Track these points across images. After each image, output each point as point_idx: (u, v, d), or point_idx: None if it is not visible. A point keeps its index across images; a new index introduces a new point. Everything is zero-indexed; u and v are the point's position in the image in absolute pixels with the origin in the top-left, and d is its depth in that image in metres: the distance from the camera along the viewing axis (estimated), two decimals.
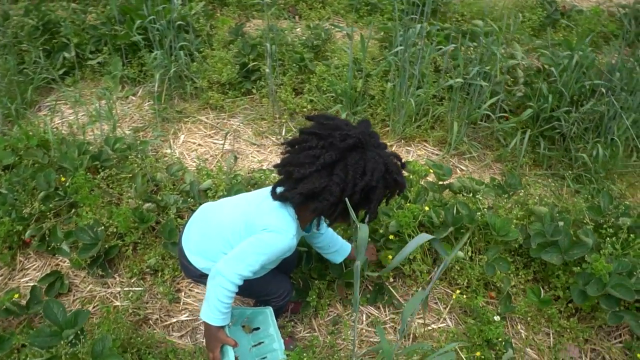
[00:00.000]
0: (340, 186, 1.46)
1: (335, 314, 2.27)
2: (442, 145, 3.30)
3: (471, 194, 2.46)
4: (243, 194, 1.87)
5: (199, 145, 3.26)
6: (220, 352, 1.65)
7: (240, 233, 1.64)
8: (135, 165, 2.69)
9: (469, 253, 2.31)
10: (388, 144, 3.27)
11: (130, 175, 2.62)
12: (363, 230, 1.30)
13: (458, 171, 3.10)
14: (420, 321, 2.25)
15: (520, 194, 2.56)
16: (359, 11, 4.43)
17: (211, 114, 3.50)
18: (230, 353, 1.64)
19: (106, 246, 2.37)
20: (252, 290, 1.82)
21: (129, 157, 2.76)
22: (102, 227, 2.34)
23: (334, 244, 2.03)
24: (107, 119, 3.24)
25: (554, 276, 2.28)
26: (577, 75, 3.07)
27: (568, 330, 2.20)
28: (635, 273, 2.10)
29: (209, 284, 1.61)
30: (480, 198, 2.41)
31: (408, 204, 2.35)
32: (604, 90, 2.91)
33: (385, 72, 3.49)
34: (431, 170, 2.54)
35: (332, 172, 1.47)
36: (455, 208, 2.34)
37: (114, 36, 3.62)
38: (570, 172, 2.94)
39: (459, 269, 2.31)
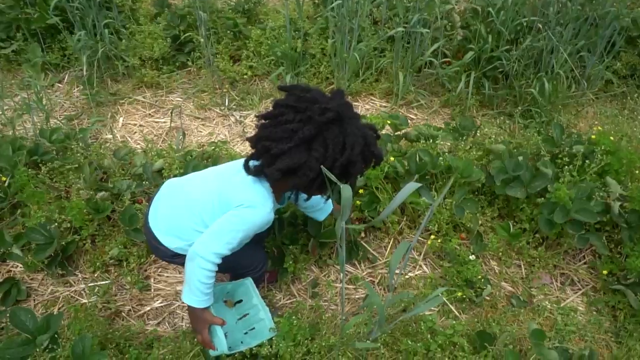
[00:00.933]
0: (319, 161, 1.43)
1: (312, 277, 2.25)
2: (389, 97, 3.30)
3: (430, 140, 2.48)
4: (212, 168, 1.80)
5: (141, 126, 3.11)
6: (208, 332, 1.60)
7: (214, 209, 1.59)
8: (79, 154, 2.53)
9: (435, 197, 2.33)
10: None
11: (76, 165, 2.45)
12: (347, 191, 1.28)
13: (409, 121, 3.11)
14: (398, 271, 2.27)
15: (477, 135, 2.60)
16: None
17: (148, 92, 3.34)
18: (219, 332, 1.60)
19: (62, 243, 2.22)
20: (227, 266, 1.77)
21: (71, 147, 2.59)
22: (55, 224, 2.19)
23: (317, 202, 2.00)
24: (37, 110, 3.02)
25: (519, 210, 2.34)
26: (512, 14, 3.12)
27: (538, 259, 2.28)
28: (593, 196, 2.19)
29: (187, 266, 1.55)
30: (440, 143, 2.43)
31: None
32: (540, 26, 2.98)
33: (323, 29, 3.43)
34: (388, 122, 2.53)
35: (311, 147, 1.44)
36: (417, 155, 2.34)
37: (27, 20, 3.34)
38: (517, 109, 3.02)
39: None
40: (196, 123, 3.14)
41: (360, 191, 2.31)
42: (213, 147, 2.67)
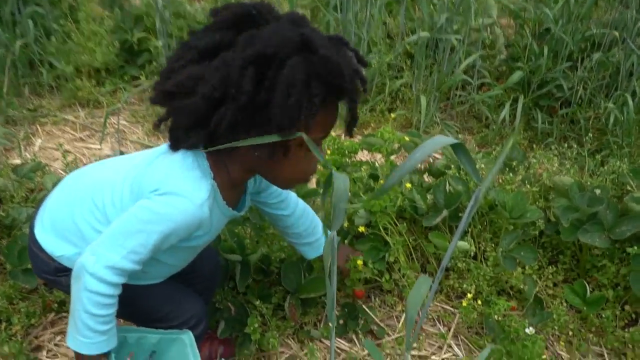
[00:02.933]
0: (219, 71, 1.13)
1: (287, 355, 1.86)
2: (406, 130, 3.09)
3: (462, 170, 2.18)
4: (133, 153, 1.48)
5: (67, 151, 2.83)
6: None
7: (122, 198, 1.29)
8: None
9: (472, 248, 2.00)
10: (334, 134, 3.01)
11: None
12: (340, 180, 0.98)
13: (431, 159, 2.84)
14: (416, 353, 1.88)
15: (532, 167, 2.32)
16: None
17: (82, 111, 3.15)
18: None
19: None
20: (136, 308, 1.44)
21: None
22: None
23: (310, 230, 1.73)
24: None
25: (597, 268, 2.01)
26: (575, 24, 2.95)
27: (630, 346, 1.90)
28: None
29: (72, 288, 1.24)
30: (480, 171, 2.13)
31: (380, 185, 2.04)
32: (616, 35, 2.78)
33: None
34: (407, 139, 2.24)
35: (213, 59, 1.15)
36: (446, 184, 2.04)
37: None
38: (583, 148, 2.75)
39: (459, 270, 1.99)
40: None
41: (362, 229, 1.98)
42: None
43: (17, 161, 2.69)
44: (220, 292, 1.90)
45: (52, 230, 1.35)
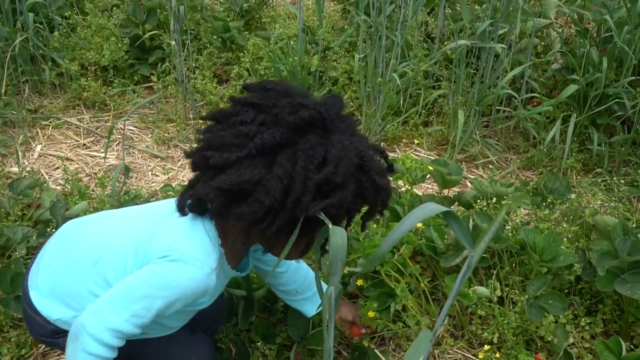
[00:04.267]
0: (283, 182, 1.31)
1: None
2: (442, 148, 3.23)
3: (493, 200, 2.29)
4: (137, 206, 1.72)
5: (69, 160, 3.03)
6: None
7: (126, 265, 1.47)
8: None
9: (497, 292, 2.12)
10: None
11: None
12: (338, 236, 1.13)
13: (468, 184, 2.96)
14: None
15: (570, 202, 2.41)
16: None
17: (87, 113, 3.35)
18: None
19: None
20: (138, 353, 1.60)
21: None
22: None
23: (305, 285, 1.89)
24: None
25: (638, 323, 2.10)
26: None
27: None
28: None
29: (68, 348, 1.40)
30: (509, 205, 2.25)
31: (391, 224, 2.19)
32: None
33: (352, 44, 3.42)
34: (430, 169, 2.37)
35: (274, 160, 1.33)
36: (470, 222, 2.16)
37: None
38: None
39: (483, 315, 2.11)
40: (152, 163, 3.10)
41: (359, 282, 2.12)
42: (170, 192, 2.56)
43: (15, 169, 2.89)
44: (221, 329, 2.05)
45: (49, 293, 1.53)
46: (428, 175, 2.51)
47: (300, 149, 1.31)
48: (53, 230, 2.31)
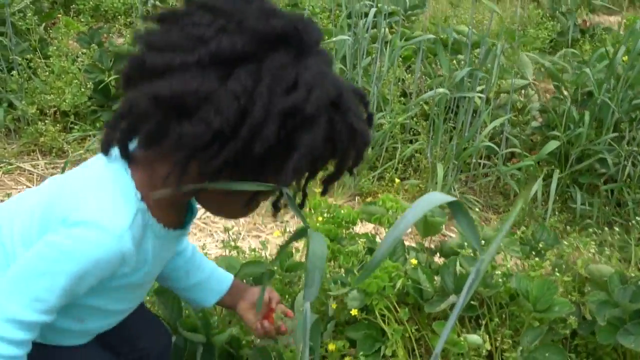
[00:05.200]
0: (240, 101, 1.02)
1: None
2: None
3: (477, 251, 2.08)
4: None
5: None
6: None
7: (31, 233, 1.19)
8: None
9: (487, 345, 1.88)
10: (336, 202, 2.96)
11: None
12: (317, 242, 0.95)
13: (449, 234, 2.77)
14: None
15: (561, 251, 2.22)
16: None
17: (42, 159, 3.11)
18: None
19: None
20: None
21: None
22: None
23: (197, 268, 1.56)
24: None
25: None
26: (622, 93, 2.91)
27: None
28: None
29: None
30: (497, 251, 2.04)
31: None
32: None
33: None
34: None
35: (231, 73, 1.04)
36: (457, 265, 1.94)
37: None
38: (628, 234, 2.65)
39: None
40: None
41: (354, 312, 1.86)
42: None
43: None
44: None
45: None
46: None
47: (267, 67, 1.04)
48: None
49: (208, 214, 2.89)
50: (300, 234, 0.97)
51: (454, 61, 3.17)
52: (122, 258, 1.13)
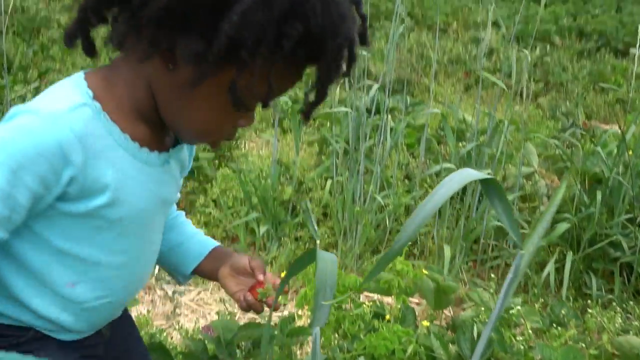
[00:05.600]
0: None
1: None
2: None
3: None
4: None
5: None
6: None
7: None
8: None
9: None
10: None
11: None
12: (326, 258, 0.86)
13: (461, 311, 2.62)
14: None
15: (585, 324, 2.07)
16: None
17: None
18: None
19: None
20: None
21: None
22: None
23: (179, 226, 1.40)
24: None
25: None
26: (633, 175, 2.86)
27: None
28: None
29: None
30: (515, 314, 1.90)
31: (386, 324, 1.81)
32: None
33: (327, 179, 3.25)
34: (425, 272, 2.02)
35: None
36: (474, 330, 1.79)
37: None
38: None
39: None
40: None
41: None
42: None
43: None
44: None
45: None
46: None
47: None
48: None
49: (201, 294, 2.78)
50: (308, 255, 0.86)
51: (460, 144, 3.14)
52: (60, 150, 1.00)
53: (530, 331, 1.92)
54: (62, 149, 1.00)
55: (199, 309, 2.68)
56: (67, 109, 1.01)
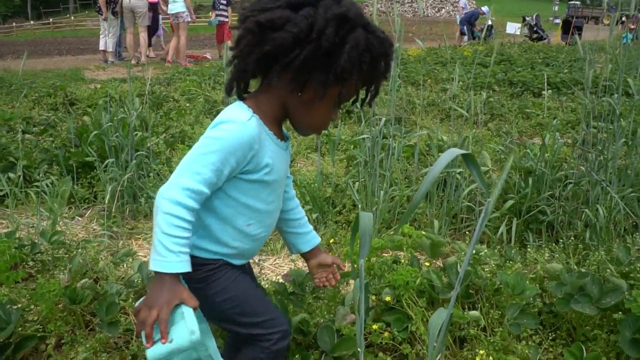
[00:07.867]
0: (307, 19, 1.17)
1: None
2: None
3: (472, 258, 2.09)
4: None
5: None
6: (171, 313, 1.14)
7: None
8: (73, 251, 2.21)
9: (482, 321, 1.85)
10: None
11: (67, 255, 2.12)
12: (365, 215, 0.95)
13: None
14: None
15: (526, 257, 2.21)
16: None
17: None
18: (190, 316, 1.13)
19: (18, 336, 1.77)
20: (239, 305, 1.34)
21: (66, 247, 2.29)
22: (18, 307, 1.77)
23: (303, 222, 1.58)
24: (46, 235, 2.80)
25: (591, 339, 1.82)
26: (549, 168, 2.97)
27: None
28: None
29: (154, 219, 1.19)
30: (483, 256, 2.04)
31: (401, 266, 1.96)
32: (583, 170, 2.77)
33: (355, 181, 3.33)
34: (423, 233, 2.18)
35: (299, 9, 1.20)
36: (458, 266, 1.95)
37: (67, 157, 3.34)
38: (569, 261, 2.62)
39: (473, 337, 1.83)
40: None
41: (388, 298, 1.86)
42: None
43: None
44: None
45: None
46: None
47: (321, 5, 1.19)
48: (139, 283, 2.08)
49: (276, 261, 2.88)
50: (357, 217, 0.97)
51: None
52: (249, 142, 1.21)
53: (493, 265, 2.07)
54: (250, 142, 1.22)
55: (276, 269, 2.79)
56: (247, 118, 1.22)
